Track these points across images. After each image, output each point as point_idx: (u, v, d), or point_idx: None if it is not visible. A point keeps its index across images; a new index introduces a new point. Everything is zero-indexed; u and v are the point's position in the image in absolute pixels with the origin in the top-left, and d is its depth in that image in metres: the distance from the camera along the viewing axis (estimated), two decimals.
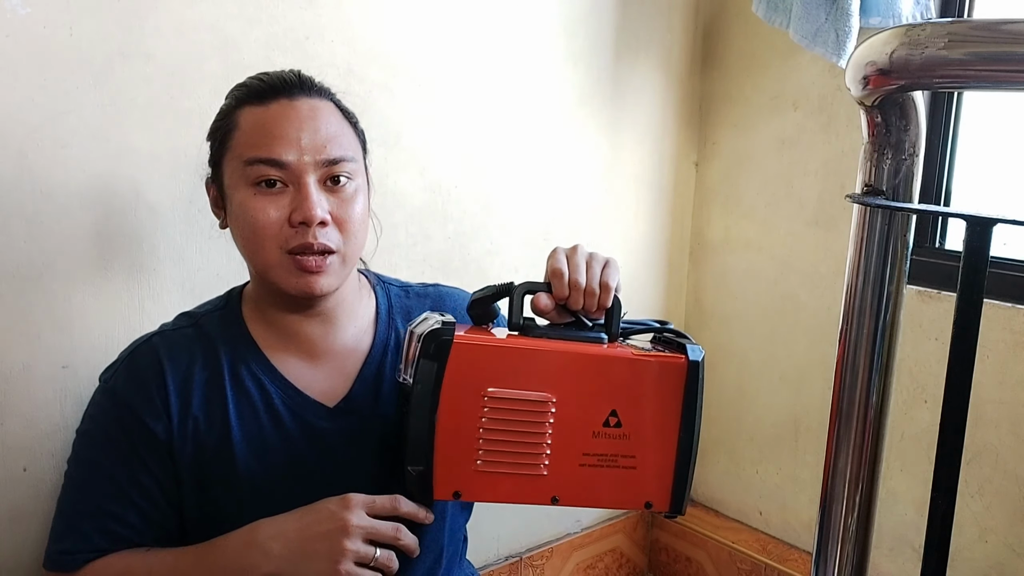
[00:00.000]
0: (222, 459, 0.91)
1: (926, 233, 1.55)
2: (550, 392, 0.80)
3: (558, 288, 0.83)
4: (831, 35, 1.41)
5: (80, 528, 0.89)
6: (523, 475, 0.80)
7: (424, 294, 1.06)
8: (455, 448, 0.79)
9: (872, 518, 0.80)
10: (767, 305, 1.79)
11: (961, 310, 0.66)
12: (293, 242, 0.86)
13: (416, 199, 1.44)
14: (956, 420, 0.67)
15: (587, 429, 0.81)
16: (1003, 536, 1.44)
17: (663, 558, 1.96)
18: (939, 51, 0.65)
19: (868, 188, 0.75)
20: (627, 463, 0.82)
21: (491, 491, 0.81)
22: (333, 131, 0.89)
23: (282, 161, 0.85)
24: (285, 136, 0.86)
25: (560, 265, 0.84)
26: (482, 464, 0.80)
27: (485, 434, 0.79)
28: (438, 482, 0.79)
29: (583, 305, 0.84)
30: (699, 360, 0.82)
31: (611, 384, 0.81)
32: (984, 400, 1.43)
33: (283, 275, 0.87)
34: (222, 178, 0.90)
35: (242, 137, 0.88)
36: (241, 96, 0.90)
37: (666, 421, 0.82)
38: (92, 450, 0.92)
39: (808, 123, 1.68)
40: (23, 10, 1.01)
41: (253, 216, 0.86)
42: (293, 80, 0.90)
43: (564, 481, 0.81)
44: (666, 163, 1.84)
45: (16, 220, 1.04)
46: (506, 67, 1.52)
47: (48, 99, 1.04)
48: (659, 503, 0.83)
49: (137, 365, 0.92)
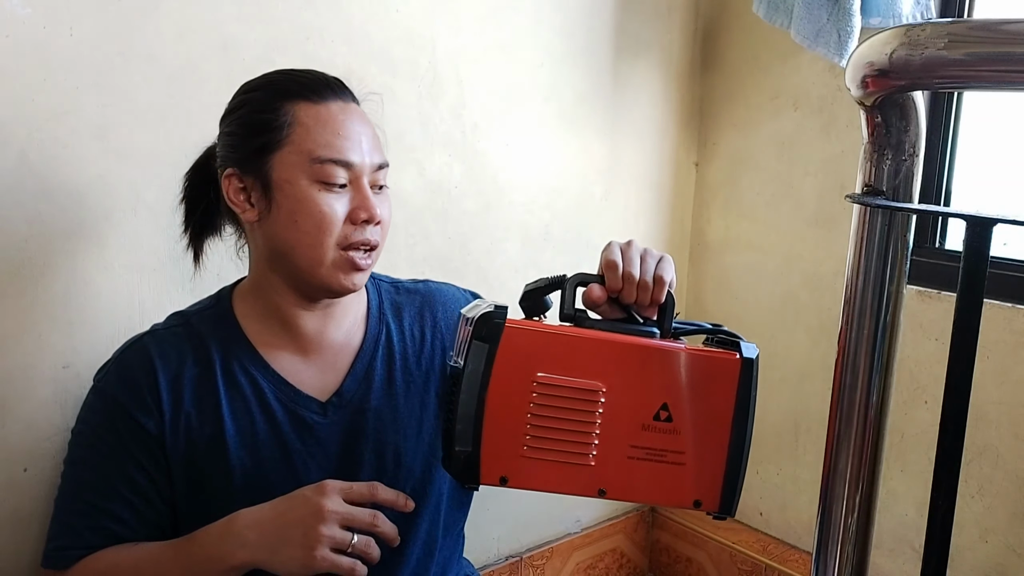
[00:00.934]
0: (215, 454, 0.92)
1: (926, 233, 1.55)
2: (600, 381, 0.79)
3: (611, 280, 0.82)
4: (833, 35, 1.41)
5: (74, 526, 0.91)
6: (570, 464, 0.79)
7: (414, 290, 1.07)
8: (503, 432, 0.78)
9: (872, 518, 0.80)
10: (767, 305, 1.79)
11: (961, 310, 0.66)
12: (353, 238, 0.89)
13: (416, 199, 1.44)
14: (956, 420, 0.67)
15: (637, 421, 0.80)
16: (1003, 536, 1.44)
17: (663, 558, 1.96)
18: (939, 51, 0.65)
19: (868, 188, 0.75)
20: (676, 459, 0.80)
21: (538, 479, 0.79)
22: (375, 137, 0.94)
23: (351, 162, 0.89)
24: (352, 138, 0.89)
25: (615, 257, 0.83)
26: (529, 450, 0.78)
27: (533, 420, 0.78)
28: (485, 466, 0.78)
29: (636, 299, 0.83)
30: (753, 358, 0.81)
31: (663, 377, 0.80)
32: (984, 400, 1.43)
33: (333, 272, 0.90)
34: (268, 171, 0.89)
35: (305, 132, 0.88)
36: (291, 90, 0.90)
37: (718, 418, 0.81)
38: (85, 449, 0.93)
39: (808, 123, 1.68)
40: (23, 10, 1.01)
41: (320, 211, 0.88)
42: (340, 83, 0.94)
43: (611, 473, 0.80)
44: (666, 163, 1.84)
45: (16, 220, 1.04)
46: (506, 67, 1.52)
47: (48, 99, 1.04)
48: (708, 502, 0.81)
49: (128, 365, 0.93)
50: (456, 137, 1.47)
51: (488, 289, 1.55)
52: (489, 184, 1.54)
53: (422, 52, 1.40)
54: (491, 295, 1.60)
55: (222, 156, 0.93)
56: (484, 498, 1.59)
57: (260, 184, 0.90)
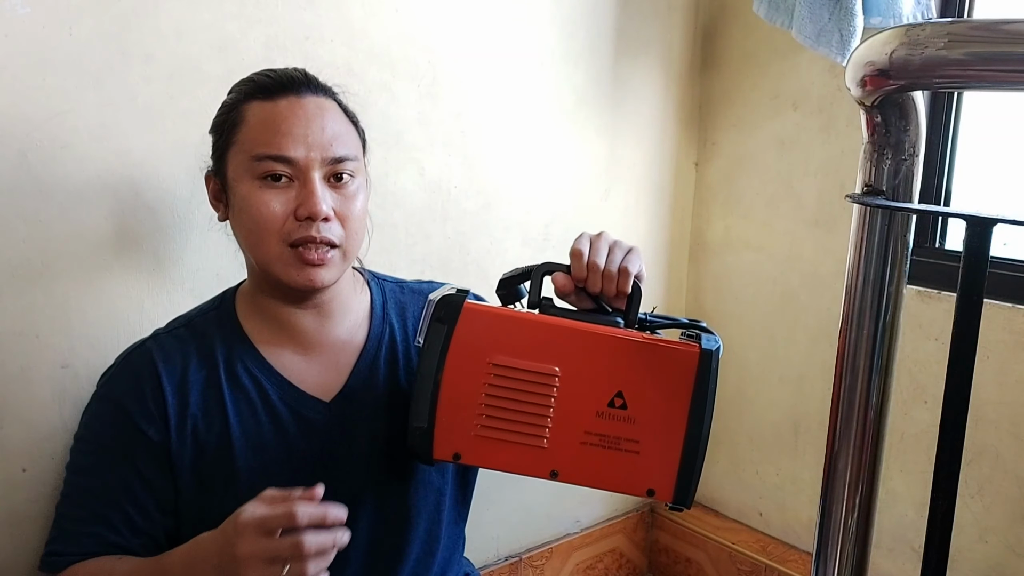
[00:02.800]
0: (222, 457, 0.92)
1: (926, 233, 1.55)
2: (556, 366, 0.80)
3: (576, 268, 0.84)
4: (835, 35, 1.41)
5: (71, 532, 0.90)
6: (523, 445, 0.81)
7: (419, 290, 1.07)
8: (457, 410, 0.80)
9: (872, 518, 0.80)
10: (767, 305, 1.79)
11: (961, 310, 0.66)
12: (296, 235, 0.88)
13: (416, 199, 1.44)
14: (956, 420, 0.67)
15: (591, 408, 0.81)
16: (1003, 536, 1.44)
17: (663, 559, 1.96)
18: (939, 51, 0.65)
19: (868, 188, 0.75)
20: (630, 447, 0.82)
21: (491, 457, 0.82)
22: (338, 129, 0.91)
23: (290, 157, 0.87)
24: (292, 133, 0.88)
25: (581, 247, 0.85)
26: (483, 429, 0.81)
27: (488, 400, 0.81)
28: (438, 441, 0.81)
29: (601, 288, 0.85)
30: (711, 350, 0.81)
31: (619, 365, 0.81)
32: (984, 400, 1.43)
33: (284, 268, 0.89)
34: (225, 171, 0.91)
35: (249, 132, 0.89)
36: (247, 91, 0.92)
37: (674, 410, 0.81)
38: (87, 456, 0.93)
39: (808, 123, 1.68)
40: (23, 10, 1.01)
41: (257, 209, 0.87)
42: (300, 78, 0.92)
43: (565, 457, 0.81)
44: (666, 163, 1.84)
45: (16, 220, 1.04)
46: (506, 67, 1.52)
47: (48, 99, 1.04)
48: (662, 492, 0.82)
49: (132, 370, 0.93)
50: (456, 137, 1.47)
51: (488, 289, 1.55)
52: (489, 184, 1.54)
53: (422, 52, 1.40)
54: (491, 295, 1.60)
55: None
56: (484, 498, 1.59)
57: (222, 184, 0.92)
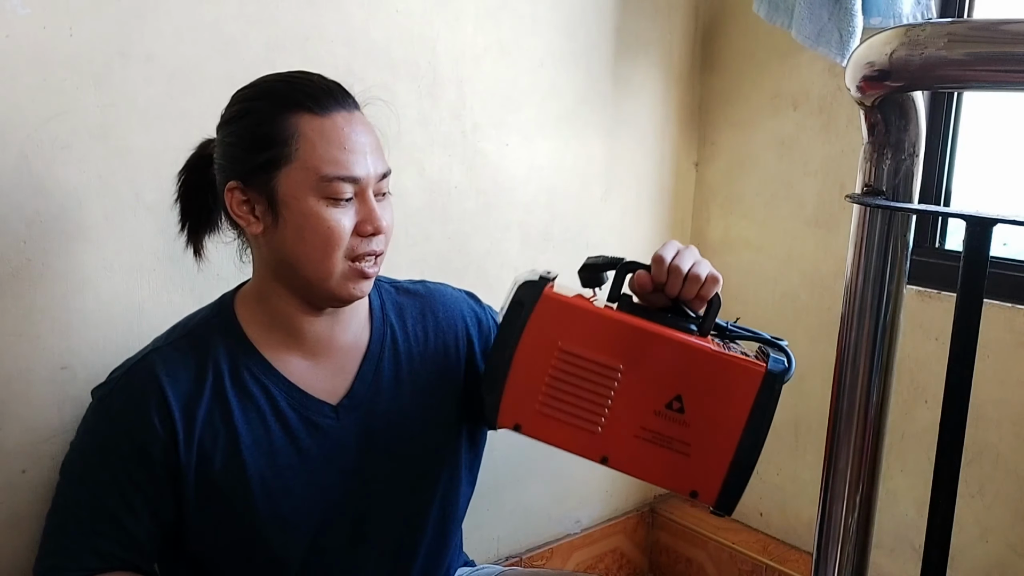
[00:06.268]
0: (233, 466, 0.91)
1: (926, 233, 1.55)
2: (620, 362, 0.84)
3: (657, 272, 0.87)
4: (834, 35, 1.41)
5: (69, 547, 0.90)
6: (579, 428, 0.85)
7: (414, 291, 1.07)
8: (524, 386, 0.86)
9: (872, 518, 0.80)
10: (767, 305, 1.79)
11: (961, 310, 0.66)
12: (360, 250, 0.90)
13: (416, 199, 1.44)
14: (956, 420, 0.67)
15: (649, 406, 0.85)
16: (1004, 536, 1.44)
17: (663, 559, 1.96)
18: (939, 51, 0.65)
19: (868, 188, 0.75)
20: (681, 448, 0.85)
21: (548, 433, 0.87)
22: (377, 144, 0.92)
23: (358, 177, 0.88)
24: (357, 151, 0.89)
25: (664, 252, 0.88)
26: (543, 407, 0.86)
27: (552, 381, 0.85)
28: (504, 411, 0.87)
29: (680, 291, 0.87)
30: (777, 372, 0.84)
31: (682, 370, 0.84)
32: (984, 400, 1.43)
33: (342, 282, 0.90)
34: (274, 185, 0.87)
35: (311, 148, 0.86)
36: (293, 100, 0.88)
37: (730, 422, 0.84)
38: (84, 469, 0.91)
39: (808, 123, 1.68)
40: (23, 10, 1.01)
41: (327, 227, 0.87)
42: (341, 89, 0.92)
43: (617, 446, 0.86)
44: (666, 163, 1.84)
45: (15, 220, 1.04)
46: (506, 67, 1.52)
47: (48, 99, 1.04)
48: (705, 495, 0.86)
49: (134, 387, 0.90)
50: (456, 137, 1.47)
51: (488, 289, 1.55)
52: (489, 184, 1.54)
53: (422, 52, 1.40)
54: (491, 295, 1.60)
55: (223, 167, 0.91)
56: (484, 499, 1.59)
57: (265, 198, 0.88)
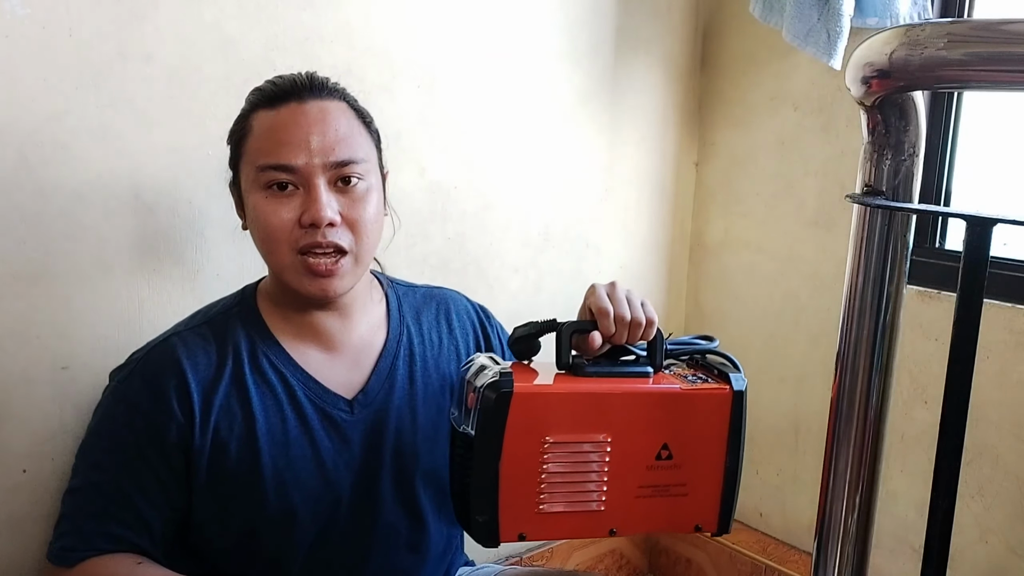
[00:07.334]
0: (247, 453, 0.92)
1: (926, 233, 1.55)
2: (606, 432, 0.82)
3: (605, 326, 0.86)
4: (822, 35, 1.42)
5: (83, 528, 0.91)
6: (582, 513, 0.83)
7: (431, 295, 1.10)
8: (518, 494, 0.81)
9: (872, 518, 0.80)
10: (767, 305, 1.79)
11: (961, 310, 0.66)
12: (303, 242, 0.89)
13: (416, 199, 1.44)
14: (956, 420, 0.67)
15: (641, 463, 0.84)
16: (1003, 537, 1.44)
17: (663, 560, 1.96)
18: (939, 51, 0.65)
19: (868, 188, 0.75)
20: (679, 491, 0.86)
21: (553, 530, 0.84)
22: (343, 132, 0.91)
23: (291, 165, 0.88)
24: (293, 141, 0.88)
25: (604, 304, 0.86)
26: (543, 507, 0.82)
27: (546, 478, 0.81)
28: (503, 527, 0.82)
29: (627, 339, 0.87)
30: (743, 389, 0.85)
31: (662, 418, 0.84)
32: (984, 400, 1.43)
33: (296, 276, 0.90)
34: (239, 180, 0.94)
35: (254, 143, 0.91)
36: (254, 100, 0.93)
37: (713, 448, 0.85)
38: (101, 452, 0.93)
39: (808, 123, 1.68)
40: (23, 10, 1.01)
41: (266, 219, 0.89)
42: (304, 82, 0.92)
43: (621, 514, 0.84)
44: (666, 163, 1.84)
45: (16, 220, 1.04)
46: (506, 67, 1.52)
47: (48, 99, 1.04)
48: (707, 525, 0.87)
49: (153, 368, 0.92)
50: (456, 137, 1.47)
51: (488, 289, 1.55)
52: (489, 184, 1.54)
53: (422, 52, 1.40)
54: (491, 295, 1.60)
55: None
56: None
57: (238, 195, 0.95)
